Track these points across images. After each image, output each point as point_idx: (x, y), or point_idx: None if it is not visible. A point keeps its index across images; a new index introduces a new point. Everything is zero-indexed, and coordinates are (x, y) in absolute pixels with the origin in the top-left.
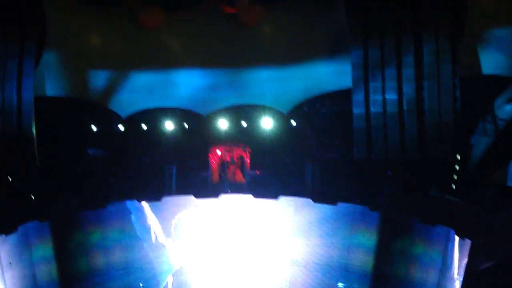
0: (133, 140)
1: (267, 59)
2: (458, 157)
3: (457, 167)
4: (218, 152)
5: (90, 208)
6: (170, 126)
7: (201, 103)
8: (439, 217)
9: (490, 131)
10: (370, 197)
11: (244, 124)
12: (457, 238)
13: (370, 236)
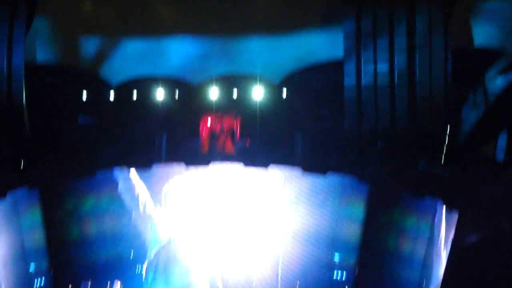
0: (123, 108)
1: (259, 29)
2: (448, 129)
3: (446, 140)
4: (209, 121)
5: (80, 176)
6: (160, 95)
7: (192, 72)
8: (428, 189)
9: (480, 104)
10: (359, 168)
11: (234, 93)
12: (444, 210)
13: (359, 207)
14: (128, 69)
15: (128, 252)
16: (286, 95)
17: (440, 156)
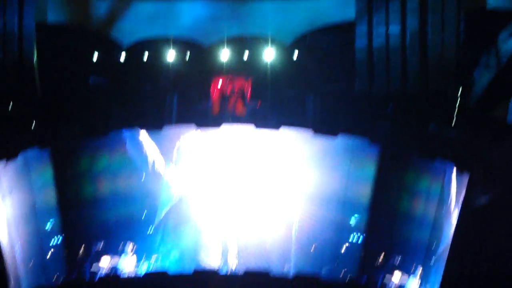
0: (134, 68)
1: None
2: (460, 91)
3: (458, 102)
4: (220, 82)
5: (91, 136)
6: (171, 56)
7: (203, 33)
8: (439, 151)
9: (492, 66)
10: (370, 130)
11: (246, 55)
12: (455, 172)
13: (369, 169)
14: (139, 30)
15: (140, 212)
16: (297, 57)
17: (451, 118)
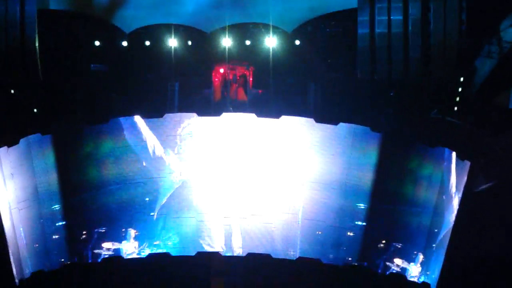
0: (136, 56)
1: None
2: (461, 79)
3: (459, 89)
4: (221, 70)
5: (92, 122)
6: (173, 43)
7: (205, 21)
8: (440, 138)
9: (494, 54)
10: (372, 118)
11: (247, 42)
12: (456, 159)
13: (371, 156)
14: (141, 17)
15: (142, 199)
16: (299, 44)
17: (453, 105)
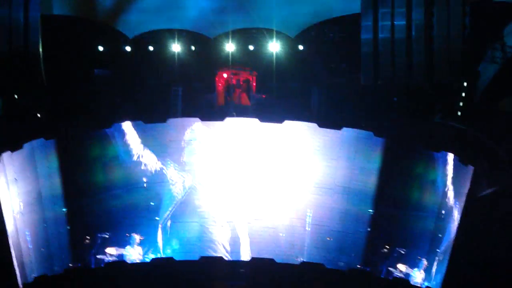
0: (139, 60)
1: None
2: (465, 84)
3: (463, 94)
4: (225, 75)
5: (96, 127)
6: (177, 48)
7: (208, 26)
8: (443, 143)
9: (498, 59)
10: (375, 122)
11: (251, 47)
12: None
13: (374, 160)
14: (145, 22)
15: (146, 203)
16: (303, 49)
17: (456, 110)
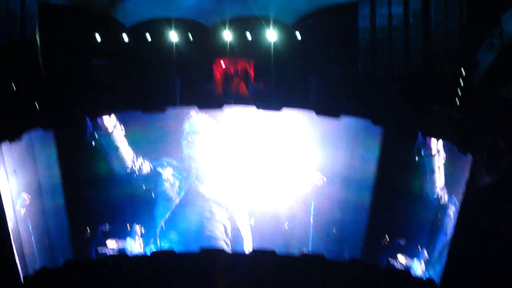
0: (137, 50)
1: None
2: (463, 72)
3: (461, 82)
4: (222, 64)
5: (94, 117)
6: (174, 37)
7: (206, 14)
8: (442, 132)
9: (496, 46)
10: (373, 111)
11: (249, 36)
12: (458, 153)
13: (373, 149)
14: (142, 10)
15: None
16: (300, 37)
17: (455, 98)
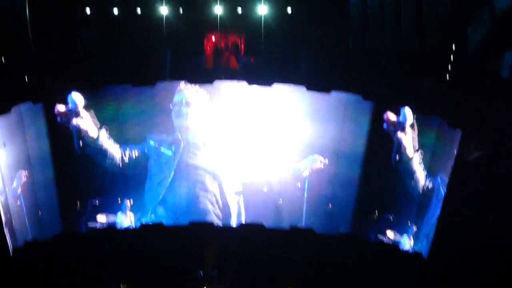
0: (127, 23)
1: None
2: (454, 46)
3: (452, 57)
4: (213, 38)
5: (84, 90)
6: (165, 11)
7: None
8: (432, 106)
9: (486, 21)
10: (364, 86)
11: (239, 10)
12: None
13: (362, 124)
14: None
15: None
16: (291, 11)
17: (445, 73)
